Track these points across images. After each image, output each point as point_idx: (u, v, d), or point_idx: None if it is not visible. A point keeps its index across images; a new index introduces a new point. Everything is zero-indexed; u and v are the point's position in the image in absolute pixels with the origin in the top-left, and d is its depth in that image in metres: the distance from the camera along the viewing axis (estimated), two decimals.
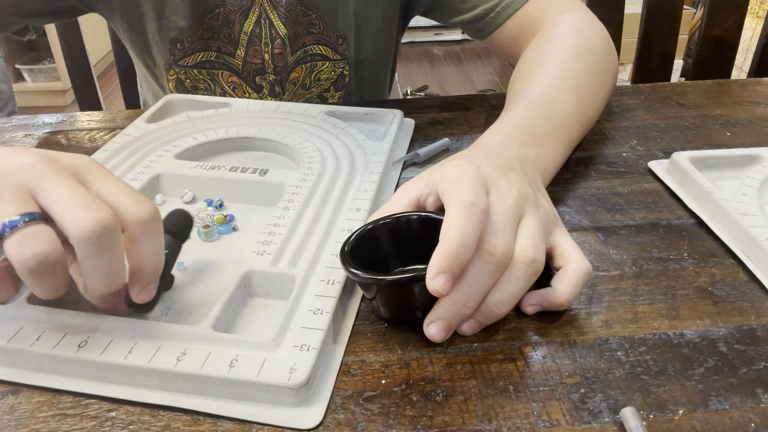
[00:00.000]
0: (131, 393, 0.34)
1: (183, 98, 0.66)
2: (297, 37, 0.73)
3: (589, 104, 0.56)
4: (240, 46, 0.72)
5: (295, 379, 0.33)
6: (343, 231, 0.45)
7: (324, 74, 0.77)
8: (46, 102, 2.75)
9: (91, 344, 0.35)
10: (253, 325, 0.39)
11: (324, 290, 0.39)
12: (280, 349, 0.35)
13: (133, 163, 0.53)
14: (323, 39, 0.74)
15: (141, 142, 0.57)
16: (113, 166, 0.53)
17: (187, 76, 0.74)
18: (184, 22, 0.70)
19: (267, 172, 0.51)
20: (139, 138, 0.57)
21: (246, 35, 0.71)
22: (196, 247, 0.45)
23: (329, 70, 0.77)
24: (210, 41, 0.72)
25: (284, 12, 0.71)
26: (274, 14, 0.71)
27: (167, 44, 0.72)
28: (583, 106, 0.55)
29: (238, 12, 0.70)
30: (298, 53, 0.74)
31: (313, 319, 0.37)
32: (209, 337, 0.35)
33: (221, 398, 0.34)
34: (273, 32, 0.72)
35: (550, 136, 0.50)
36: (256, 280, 0.40)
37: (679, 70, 2.51)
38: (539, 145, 0.49)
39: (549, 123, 0.51)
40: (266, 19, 0.71)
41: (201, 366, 0.34)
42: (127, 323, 0.36)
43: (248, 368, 0.33)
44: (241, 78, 0.75)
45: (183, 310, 0.40)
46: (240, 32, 0.71)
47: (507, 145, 0.47)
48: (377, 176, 0.51)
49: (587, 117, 0.57)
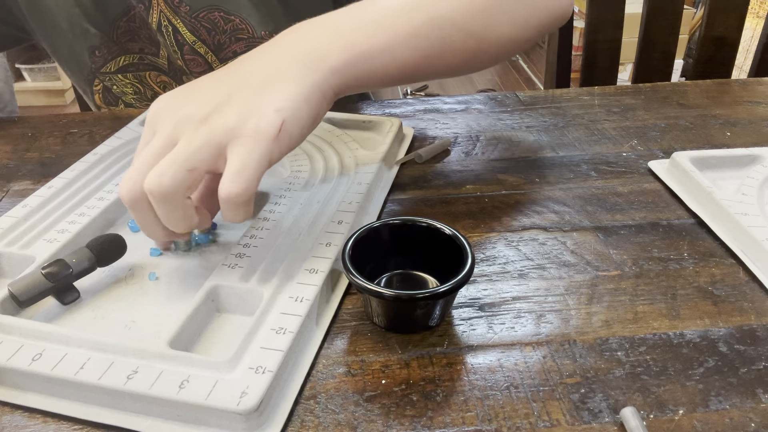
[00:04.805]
0: (81, 410, 0.33)
1: None
2: (222, 45, 0.69)
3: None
4: (162, 46, 0.71)
5: (245, 404, 0.31)
6: (321, 244, 0.43)
7: None
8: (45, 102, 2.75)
9: (45, 357, 0.34)
10: (216, 342, 0.37)
11: (291, 308, 0.37)
12: (235, 371, 0.33)
13: (122, 167, 0.53)
14: (256, 42, 0.69)
15: (132, 146, 0.56)
16: (102, 169, 0.52)
17: (112, 82, 0.73)
18: (97, 30, 0.69)
19: None
20: (130, 142, 0.57)
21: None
22: (172, 257, 0.44)
23: None
24: (129, 44, 0.71)
25: (189, 18, 0.67)
26: (177, 20, 0.67)
27: (85, 53, 0.71)
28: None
29: (145, 13, 0.68)
30: (229, 62, 0.71)
31: (275, 340, 0.35)
32: (164, 355, 0.34)
33: (170, 420, 0.32)
34: (179, 38, 0.68)
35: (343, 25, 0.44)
36: (224, 294, 0.39)
37: (680, 70, 2.51)
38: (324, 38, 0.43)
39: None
40: (169, 24, 0.68)
41: (150, 386, 0.32)
42: (85, 334, 0.35)
43: (198, 390, 0.32)
44: (169, 77, 0.74)
45: (148, 322, 0.39)
46: (157, 33, 0.69)
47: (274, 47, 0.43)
48: (365, 187, 0.50)
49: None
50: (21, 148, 0.62)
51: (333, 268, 0.41)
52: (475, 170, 0.57)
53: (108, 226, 0.48)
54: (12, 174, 0.58)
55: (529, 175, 0.56)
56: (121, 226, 0.48)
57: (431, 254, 0.41)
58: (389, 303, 0.37)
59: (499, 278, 0.43)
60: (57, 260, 0.39)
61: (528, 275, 0.43)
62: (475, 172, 0.57)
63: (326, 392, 0.35)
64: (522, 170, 0.57)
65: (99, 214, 0.47)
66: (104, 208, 0.47)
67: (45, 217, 0.46)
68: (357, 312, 0.40)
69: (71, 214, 0.47)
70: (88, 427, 0.33)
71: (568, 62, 1.03)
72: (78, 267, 0.39)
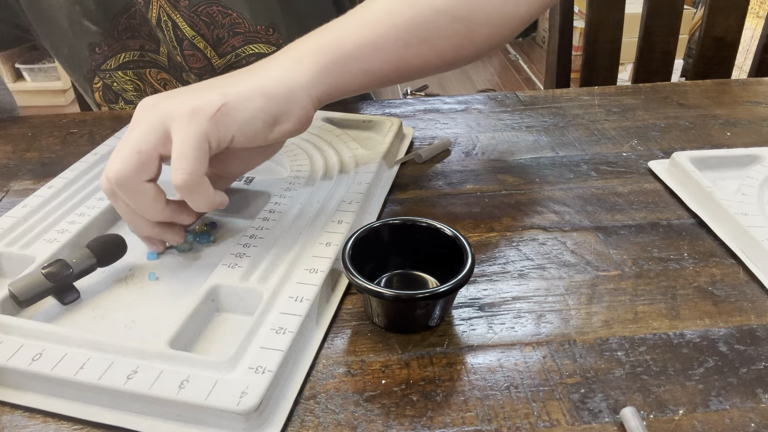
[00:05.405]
0: (81, 410, 0.33)
1: None
2: (221, 40, 0.70)
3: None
4: (161, 42, 0.71)
5: (245, 404, 0.31)
6: (321, 244, 0.43)
7: None
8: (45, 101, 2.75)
9: (45, 357, 0.34)
10: (216, 341, 0.37)
11: (291, 308, 0.37)
12: (235, 371, 0.33)
13: None
14: (253, 36, 0.70)
15: None
16: (102, 169, 0.52)
17: (112, 79, 0.73)
18: (97, 27, 0.69)
19: (252, 180, 0.51)
20: None
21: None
22: (172, 257, 0.44)
23: None
24: (129, 41, 0.71)
25: (188, 13, 0.67)
26: (176, 15, 0.68)
27: (85, 50, 0.71)
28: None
29: (144, 8, 0.68)
30: (228, 57, 0.71)
31: (275, 339, 0.35)
32: (163, 355, 0.34)
33: (170, 420, 0.32)
34: (179, 33, 0.69)
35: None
36: (224, 294, 0.39)
37: (680, 70, 2.51)
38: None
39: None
40: (168, 19, 0.68)
41: (150, 386, 0.32)
42: (85, 334, 0.35)
43: (198, 390, 0.32)
44: (170, 74, 0.74)
45: (148, 322, 0.39)
46: (156, 29, 0.69)
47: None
48: (365, 187, 0.50)
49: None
50: (21, 148, 0.62)
51: (333, 267, 0.41)
52: (475, 170, 0.57)
53: (108, 226, 0.48)
54: (12, 174, 0.58)
55: (529, 175, 0.56)
56: (121, 226, 0.48)
57: (431, 254, 0.41)
58: (389, 303, 0.37)
59: (499, 278, 0.43)
60: (57, 260, 0.39)
61: (528, 275, 0.43)
62: (475, 172, 0.57)
63: (326, 392, 0.35)
64: (522, 170, 0.57)
65: (99, 214, 0.47)
66: (104, 208, 0.47)
67: (45, 217, 0.46)
68: (357, 312, 0.40)
69: (71, 214, 0.47)
70: (88, 427, 0.33)
71: (568, 62, 1.03)
72: (78, 267, 0.39)
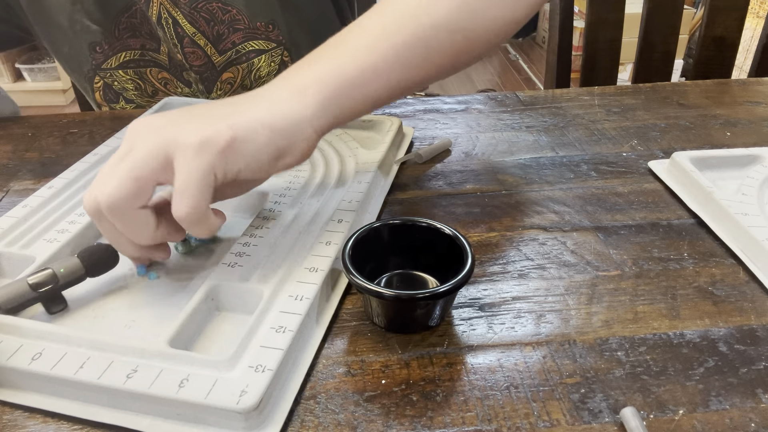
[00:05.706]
0: (81, 409, 0.33)
1: (181, 101, 0.66)
2: (221, 36, 0.70)
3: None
4: (162, 41, 0.71)
5: (245, 403, 0.31)
6: (321, 243, 0.43)
7: (263, 69, 0.74)
8: (45, 101, 2.75)
9: (45, 356, 0.34)
10: (216, 340, 0.37)
11: (291, 306, 0.37)
12: (235, 370, 0.33)
13: None
14: (252, 33, 0.70)
15: None
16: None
17: (113, 79, 0.73)
18: (97, 26, 0.69)
19: None
20: None
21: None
22: (172, 257, 0.44)
23: (267, 63, 0.73)
24: (130, 40, 0.71)
25: (189, 10, 0.67)
26: (177, 12, 0.68)
27: (86, 49, 0.71)
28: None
29: (145, 6, 0.68)
30: (228, 54, 0.72)
31: (274, 338, 0.35)
32: (163, 354, 0.34)
33: (170, 419, 0.32)
34: (179, 30, 0.69)
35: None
36: (224, 293, 0.39)
37: (680, 70, 2.51)
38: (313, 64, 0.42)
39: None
40: (168, 17, 0.68)
41: (150, 385, 0.32)
42: (85, 333, 0.35)
43: (198, 389, 0.32)
44: (170, 73, 0.74)
45: (148, 322, 0.39)
46: (157, 27, 0.69)
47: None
48: (365, 186, 0.50)
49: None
50: (21, 148, 0.62)
51: (333, 266, 0.41)
52: (475, 170, 0.57)
53: None
54: (12, 174, 0.58)
55: (529, 175, 0.56)
56: None
57: (431, 254, 0.41)
58: (389, 303, 0.37)
59: (499, 278, 0.43)
60: (45, 269, 0.39)
61: (528, 275, 0.43)
62: (475, 172, 0.57)
63: (326, 392, 0.35)
64: (522, 170, 0.57)
65: None
66: None
67: (45, 217, 0.46)
68: (357, 312, 0.40)
69: (71, 214, 0.47)
70: (87, 427, 0.33)
71: (568, 62, 1.02)
72: (66, 278, 0.39)
